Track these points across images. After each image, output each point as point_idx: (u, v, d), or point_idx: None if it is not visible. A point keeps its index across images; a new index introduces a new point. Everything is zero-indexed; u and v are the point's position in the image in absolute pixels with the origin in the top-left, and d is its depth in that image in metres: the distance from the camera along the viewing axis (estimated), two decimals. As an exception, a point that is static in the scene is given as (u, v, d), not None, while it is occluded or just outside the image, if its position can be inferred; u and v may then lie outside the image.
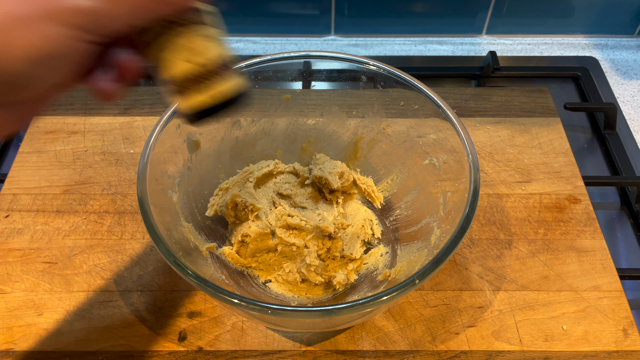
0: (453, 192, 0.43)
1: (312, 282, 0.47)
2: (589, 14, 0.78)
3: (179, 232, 0.43)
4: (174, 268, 0.36)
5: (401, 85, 0.47)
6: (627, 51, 0.78)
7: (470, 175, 0.40)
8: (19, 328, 0.46)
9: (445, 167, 0.45)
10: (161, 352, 0.44)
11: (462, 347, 0.45)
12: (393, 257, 0.48)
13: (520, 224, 0.53)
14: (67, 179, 0.56)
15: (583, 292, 0.48)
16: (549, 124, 0.62)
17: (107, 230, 0.52)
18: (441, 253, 0.36)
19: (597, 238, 0.52)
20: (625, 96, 0.72)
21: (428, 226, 0.45)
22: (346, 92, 0.51)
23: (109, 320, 0.46)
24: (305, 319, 0.38)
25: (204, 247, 0.45)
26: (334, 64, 0.49)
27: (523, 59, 0.77)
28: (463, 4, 0.76)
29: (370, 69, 0.48)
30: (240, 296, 0.34)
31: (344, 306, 0.34)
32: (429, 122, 0.46)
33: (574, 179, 0.57)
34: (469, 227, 0.38)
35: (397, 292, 0.34)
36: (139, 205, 0.38)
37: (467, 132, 0.42)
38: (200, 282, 0.35)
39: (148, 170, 0.40)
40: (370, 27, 0.80)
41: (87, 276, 0.49)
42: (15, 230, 0.52)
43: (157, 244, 0.37)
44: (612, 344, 0.45)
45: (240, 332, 0.46)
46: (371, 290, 0.46)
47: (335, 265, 0.48)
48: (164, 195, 0.43)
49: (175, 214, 0.44)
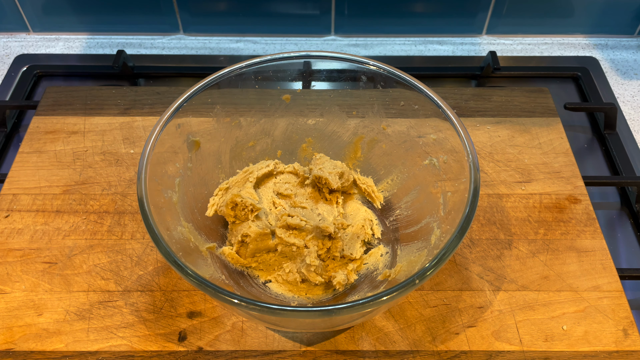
0: (453, 192, 0.43)
1: (312, 282, 0.46)
2: (589, 14, 0.78)
3: (179, 232, 0.42)
4: (174, 268, 0.36)
5: (401, 85, 0.47)
6: (627, 51, 0.78)
7: (471, 175, 0.40)
8: (19, 328, 0.46)
9: (446, 167, 0.45)
10: (161, 352, 0.44)
11: (462, 347, 0.45)
12: (393, 257, 0.48)
13: (521, 224, 0.53)
14: (67, 179, 0.56)
15: (583, 292, 0.48)
16: (549, 124, 0.62)
17: (107, 230, 0.52)
18: (441, 253, 0.36)
19: (597, 238, 0.52)
20: (625, 96, 0.72)
21: (428, 226, 0.45)
22: (346, 92, 0.51)
23: (108, 320, 0.46)
24: (305, 319, 0.38)
25: (204, 247, 0.45)
26: (334, 64, 0.49)
27: (523, 59, 0.77)
28: (463, 4, 0.76)
29: (370, 69, 0.48)
30: (240, 296, 0.34)
31: (344, 306, 0.34)
32: (429, 122, 0.46)
33: (574, 179, 0.57)
34: (469, 227, 0.38)
35: (397, 292, 0.34)
36: (139, 206, 0.38)
37: (467, 132, 0.42)
38: (200, 282, 0.35)
39: (148, 170, 0.40)
40: (370, 27, 0.80)
41: (87, 276, 0.49)
42: (15, 230, 0.52)
43: (157, 244, 0.37)
44: (612, 344, 0.45)
45: (240, 332, 0.46)
46: (371, 290, 0.46)
47: (335, 265, 0.48)
48: (164, 195, 0.43)
49: (175, 214, 0.44)
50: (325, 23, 0.79)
